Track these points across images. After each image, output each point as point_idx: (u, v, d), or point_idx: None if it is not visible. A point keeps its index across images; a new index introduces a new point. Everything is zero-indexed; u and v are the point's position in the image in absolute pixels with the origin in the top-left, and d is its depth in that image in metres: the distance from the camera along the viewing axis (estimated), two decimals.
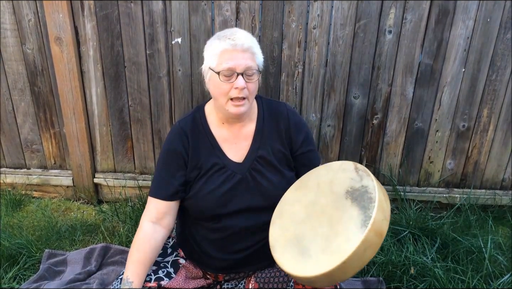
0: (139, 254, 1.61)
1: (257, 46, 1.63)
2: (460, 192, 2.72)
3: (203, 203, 1.67)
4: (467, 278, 2.08)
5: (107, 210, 2.72)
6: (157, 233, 1.66)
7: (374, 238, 1.31)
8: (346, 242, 1.31)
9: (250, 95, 1.61)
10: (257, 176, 1.68)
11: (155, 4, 2.37)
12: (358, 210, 1.37)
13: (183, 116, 1.81)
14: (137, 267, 1.59)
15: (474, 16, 2.33)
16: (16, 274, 2.17)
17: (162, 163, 1.72)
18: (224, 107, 1.61)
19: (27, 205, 2.79)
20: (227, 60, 1.55)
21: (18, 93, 2.67)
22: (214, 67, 1.58)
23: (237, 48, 1.55)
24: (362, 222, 1.32)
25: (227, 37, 1.57)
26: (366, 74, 2.46)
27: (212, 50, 1.59)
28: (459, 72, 2.45)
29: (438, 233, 2.41)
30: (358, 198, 1.40)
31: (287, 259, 1.44)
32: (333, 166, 1.60)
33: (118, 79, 2.56)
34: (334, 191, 1.50)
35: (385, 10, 2.33)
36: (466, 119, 2.57)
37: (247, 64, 1.56)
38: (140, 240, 1.64)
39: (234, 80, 1.56)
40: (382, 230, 1.33)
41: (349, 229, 1.34)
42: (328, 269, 1.30)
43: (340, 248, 1.32)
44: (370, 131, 2.61)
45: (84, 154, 2.73)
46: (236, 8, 2.35)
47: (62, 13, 2.39)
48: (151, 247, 1.63)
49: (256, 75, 1.60)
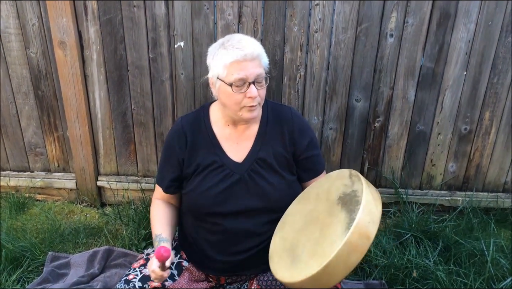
0: (161, 217, 1.79)
1: (263, 50, 1.64)
2: (462, 195, 2.72)
3: (199, 200, 1.70)
4: (469, 281, 2.08)
5: (110, 213, 2.73)
6: (169, 206, 1.86)
7: (359, 241, 1.29)
8: (330, 245, 1.32)
9: (261, 100, 1.64)
10: (255, 177, 1.69)
11: (158, 8, 2.39)
12: (345, 214, 1.38)
13: (187, 113, 1.87)
14: (163, 225, 1.75)
15: (476, 20, 2.34)
16: (19, 276, 2.18)
17: (162, 155, 1.83)
18: (237, 113, 1.63)
19: (30, 207, 2.81)
20: (238, 71, 1.55)
21: (22, 97, 2.69)
22: (224, 77, 1.58)
23: (247, 58, 1.54)
24: (347, 225, 1.32)
25: (234, 46, 1.56)
26: (368, 78, 2.47)
27: (220, 60, 1.58)
28: (461, 75, 2.45)
29: (440, 236, 2.41)
30: (347, 202, 1.42)
31: (280, 267, 1.47)
32: (332, 175, 1.64)
33: (121, 83, 2.57)
34: (329, 199, 1.52)
35: (387, 14, 2.34)
36: (468, 122, 2.57)
37: (257, 73, 1.57)
38: (158, 208, 1.83)
39: (246, 90, 1.57)
40: (368, 232, 1.31)
41: (335, 232, 1.35)
42: (312, 273, 1.30)
43: (325, 252, 1.32)
44: (372, 134, 2.62)
45: (87, 157, 2.74)
46: (238, 12, 2.36)
47: (66, 17, 2.40)
48: (170, 211, 1.84)
49: (265, 82, 1.62)
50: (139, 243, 2.44)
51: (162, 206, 1.84)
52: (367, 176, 2.72)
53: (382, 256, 2.27)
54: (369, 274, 2.23)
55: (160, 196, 1.86)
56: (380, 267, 2.22)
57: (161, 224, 1.77)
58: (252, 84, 1.56)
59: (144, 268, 1.70)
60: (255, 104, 1.60)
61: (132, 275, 1.65)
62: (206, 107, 1.80)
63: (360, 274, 2.25)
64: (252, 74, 1.56)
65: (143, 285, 1.60)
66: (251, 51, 1.55)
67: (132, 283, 1.60)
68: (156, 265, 1.51)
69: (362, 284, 2.18)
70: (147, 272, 1.66)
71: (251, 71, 1.55)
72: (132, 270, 1.70)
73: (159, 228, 1.74)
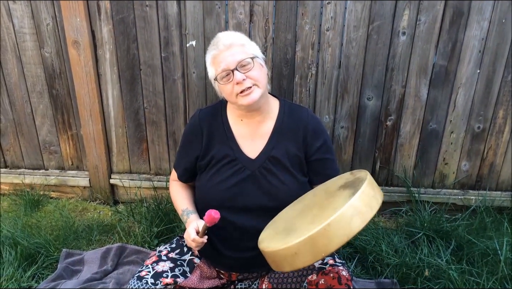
0: (182, 195, 1.90)
1: (243, 37, 1.70)
2: (476, 194, 2.70)
3: (210, 194, 1.74)
4: (482, 280, 2.06)
5: (123, 211, 2.76)
6: (187, 186, 1.96)
7: (363, 208, 1.27)
8: (332, 210, 1.29)
9: (257, 82, 1.64)
10: (267, 174, 1.71)
11: (170, 8, 2.40)
12: (349, 191, 1.38)
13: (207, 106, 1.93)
14: (186, 200, 1.86)
15: (489, 17, 2.32)
16: (34, 273, 2.22)
17: (180, 143, 1.91)
18: (238, 103, 1.66)
19: (45, 205, 2.85)
20: (218, 63, 1.63)
21: (36, 95, 2.73)
22: (213, 75, 1.68)
23: (220, 48, 1.64)
24: (351, 194, 1.31)
25: (213, 44, 1.68)
26: (379, 76, 2.46)
27: (207, 62, 1.72)
28: (474, 73, 2.43)
29: (453, 235, 2.40)
30: (350, 185, 1.42)
31: (272, 241, 1.42)
32: (330, 180, 1.69)
33: (133, 82, 2.60)
34: (328, 191, 1.54)
35: (399, 12, 2.33)
36: (481, 121, 2.55)
37: (236, 59, 1.61)
38: (177, 188, 1.94)
39: (232, 78, 1.62)
40: (371, 204, 1.30)
41: (337, 202, 1.34)
42: (311, 232, 1.25)
43: (326, 216, 1.28)
44: (383, 133, 2.61)
45: (100, 155, 2.77)
46: (250, 11, 2.37)
47: (80, 17, 2.43)
48: (189, 190, 1.93)
49: (252, 63, 1.63)
50: (152, 240, 2.46)
51: (181, 186, 1.95)
52: (379, 175, 2.72)
53: (394, 255, 2.27)
54: (380, 273, 2.22)
55: (177, 178, 1.96)
56: (391, 266, 2.21)
57: (184, 200, 1.88)
58: (236, 70, 1.61)
59: (156, 264, 1.71)
60: (245, 88, 1.62)
61: (145, 271, 1.67)
62: (225, 102, 1.84)
63: (372, 273, 2.25)
64: (231, 62, 1.61)
65: (155, 282, 1.61)
66: (225, 41, 1.64)
67: (145, 280, 1.62)
68: (194, 234, 1.60)
69: (374, 283, 2.17)
70: (159, 268, 1.68)
71: (229, 60, 1.62)
72: (145, 267, 1.71)
73: (183, 204, 1.85)
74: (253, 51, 1.67)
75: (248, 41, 1.70)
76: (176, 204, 1.91)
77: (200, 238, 1.61)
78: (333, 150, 1.85)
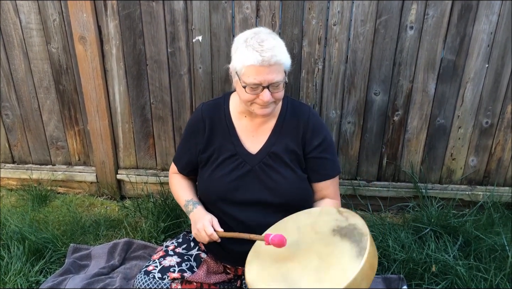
0: (184, 186, 1.91)
1: (284, 51, 1.61)
2: (483, 189, 2.68)
3: (211, 187, 1.75)
4: (490, 276, 2.05)
5: (130, 206, 2.77)
6: (187, 178, 1.97)
7: (368, 271, 1.31)
8: (342, 272, 1.30)
9: (277, 100, 1.64)
10: (267, 170, 1.72)
11: (176, 3, 2.40)
12: (350, 244, 1.37)
13: (210, 100, 1.92)
14: (189, 191, 1.89)
15: (498, 11, 2.29)
16: (42, 267, 2.24)
17: (182, 137, 1.92)
18: (251, 108, 1.66)
19: (52, 200, 2.86)
20: (254, 75, 1.55)
21: (43, 91, 2.74)
22: (241, 76, 1.59)
23: (264, 64, 1.53)
24: (357, 253, 1.32)
25: (255, 48, 1.55)
26: (387, 71, 2.45)
27: (240, 57, 1.59)
28: (483, 68, 2.41)
29: (460, 231, 2.38)
30: (348, 234, 1.41)
31: None
32: (313, 211, 1.62)
33: (140, 77, 2.60)
34: (318, 231, 1.50)
35: (407, 6, 2.31)
36: (489, 116, 2.53)
37: (273, 79, 1.56)
38: (178, 180, 1.95)
39: (260, 92, 1.59)
40: (374, 264, 1.34)
41: (343, 261, 1.33)
42: None
43: (337, 277, 1.29)
44: (391, 128, 2.59)
45: (107, 150, 2.78)
46: (256, 6, 2.36)
47: (86, 12, 2.43)
48: (190, 182, 1.96)
49: (282, 85, 1.61)
50: (158, 235, 2.47)
51: (182, 178, 1.96)
52: (386, 170, 2.71)
53: (400, 250, 2.26)
54: (387, 269, 2.22)
55: (177, 171, 1.97)
56: (398, 261, 2.21)
57: (187, 190, 1.90)
58: (266, 89, 1.57)
59: (163, 259, 1.72)
60: (266, 105, 1.62)
61: (152, 266, 1.67)
62: (227, 96, 1.84)
63: (379, 268, 2.24)
64: (267, 80, 1.56)
65: (162, 276, 1.62)
66: (269, 57, 1.53)
67: (152, 274, 1.63)
68: (212, 229, 1.64)
69: (381, 279, 2.17)
70: (166, 263, 1.69)
71: (266, 78, 1.55)
72: (152, 261, 1.72)
73: (187, 194, 1.87)
74: (287, 68, 1.63)
75: (287, 56, 1.62)
76: (179, 194, 1.91)
77: (216, 236, 1.64)
78: (333, 150, 1.83)
